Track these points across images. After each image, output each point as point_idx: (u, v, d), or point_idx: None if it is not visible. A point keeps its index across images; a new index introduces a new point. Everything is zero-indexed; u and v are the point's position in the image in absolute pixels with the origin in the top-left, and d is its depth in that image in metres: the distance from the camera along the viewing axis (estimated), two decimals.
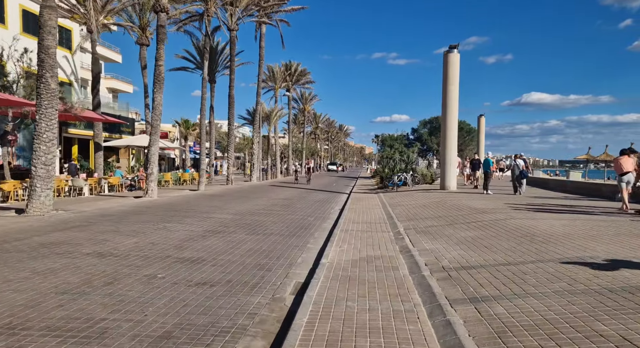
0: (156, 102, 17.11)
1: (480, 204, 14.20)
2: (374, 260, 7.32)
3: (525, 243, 7.57)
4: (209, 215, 12.93)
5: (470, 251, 7.39)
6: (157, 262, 6.92)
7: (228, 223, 11.50)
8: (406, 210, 14.17)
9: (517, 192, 18.92)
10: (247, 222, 11.86)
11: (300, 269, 6.96)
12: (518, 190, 19.10)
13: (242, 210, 14.53)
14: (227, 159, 29.91)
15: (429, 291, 5.42)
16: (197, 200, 18.07)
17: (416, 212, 13.60)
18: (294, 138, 67.53)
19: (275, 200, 18.84)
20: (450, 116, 21.39)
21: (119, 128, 31.03)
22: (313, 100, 65.16)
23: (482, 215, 11.56)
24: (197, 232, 9.82)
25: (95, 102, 22.23)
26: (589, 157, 35.22)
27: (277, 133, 47.65)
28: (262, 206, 16.29)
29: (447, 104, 21.35)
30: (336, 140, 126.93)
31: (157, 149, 17.53)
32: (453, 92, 21.35)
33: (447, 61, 21.32)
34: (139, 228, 10.00)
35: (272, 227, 11.18)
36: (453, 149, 21.54)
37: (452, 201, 15.56)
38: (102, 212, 12.97)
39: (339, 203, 18.64)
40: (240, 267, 6.87)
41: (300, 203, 18.08)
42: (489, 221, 10.38)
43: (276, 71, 45.90)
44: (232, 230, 10.35)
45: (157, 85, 17.11)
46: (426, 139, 60.90)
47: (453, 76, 21.33)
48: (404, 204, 16.25)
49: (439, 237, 8.93)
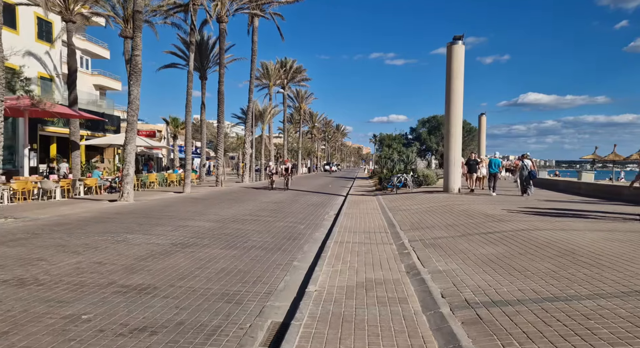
0: (132, 95, 15.47)
1: (492, 210, 12.64)
2: (374, 286, 5.75)
3: (568, 266, 5.99)
4: (184, 223, 11.33)
5: (498, 275, 5.81)
6: (92, 293, 5.32)
7: (204, 233, 9.89)
8: (409, 217, 12.60)
9: (525, 194, 18.04)
10: (227, 231, 10.26)
11: (281, 300, 5.38)
12: (527, 192, 18.14)
13: (224, 217, 12.93)
14: (217, 158, 28.29)
15: (454, 344, 3.84)
16: (178, 204, 16.45)
17: (421, 218, 12.02)
18: (290, 138, 65.94)
19: (264, 204, 17.24)
20: (455, 112, 19.83)
21: (103, 126, 29.38)
22: (309, 99, 63.57)
23: (499, 224, 9.99)
24: (162, 246, 8.21)
25: (72, 97, 20.59)
26: (595, 157, 33.78)
27: (272, 132, 46.02)
28: (249, 211, 14.69)
29: (451, 100, 19.79)
30: (333, 140, 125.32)
31: (133, 148, 15.90)
32: (458, 87, 19.79)
33: (451, 53, 19.77)
34: (92, 242, 8.37)
35: (255, 237, 9.59)
36: (457, 148, 19.97)
37: (460, 205, 14.00)
38: (60, 220, 11.33)
39: (334, 207, 17.06)
40: (201, 299, 5.28)
41: (292, 207, 16.49)
42: (510, 232, 8.81)
43: (270, 68, 44.25)
44: (206, 242, 8.75)
45: (134, 77, 15.47)
46: (425, 139, 59.28)
47: (457, 69, 19.78)
48: (405, 209, 14.68)
49: (453, 254, 7.35)
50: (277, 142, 72.17)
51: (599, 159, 34.04)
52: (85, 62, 40.82)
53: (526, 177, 18.56)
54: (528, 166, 18.98)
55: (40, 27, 27.84)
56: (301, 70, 51.65)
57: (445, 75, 20.32)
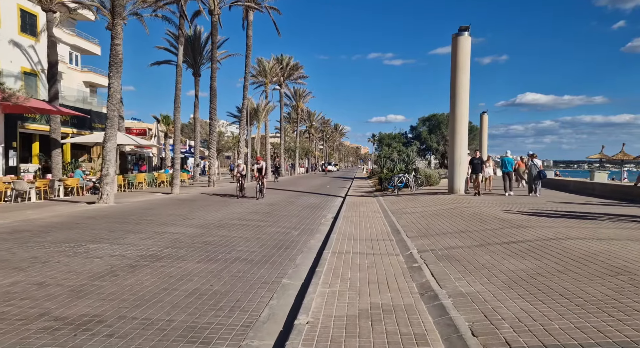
0: (112, 89, 14.19)
1: (507, 213, 11.41)
2: (382, 317, 4.51)
3: (630, 291, 4.75)
4: (163, 229, 10.07)
5: (540, 303, 4.57)
6: (8, 332, 4.06)
7: (183, 241, 8.64)
8: (415, 221, 11.36)
9: (531, 193, 17.60)
10: (209, 239, 9.00)
11: (262, 337, 4.15)
12: (536, 191, 17.54)
13: (210, 221, 11.67)
14: (209, 158, 27.01)
15: None
16: (162, 206, 15.18)
17: (428, 223, 10.79)
18: (287, 137, 64.67)
19: (257, 207, 15.99)
20: (460, 108, 18.60)
21: (90, 124, 28.07)
22: (307, 97, 62.26)
23: (520, 230, 8.76)
24: (127, 260, 6.96)
25: (52, 92, 19.29)
26: (602, 156, 32.59)
27: (268, 131, 44.71)
28: (239, 214, 13.44)
29: (457, 95, 18.57)
30: (331, 139, 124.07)
31: (113, 145, 14.60)
32: (463, 81, 18.57)
33: (456, 45, 18.54)
34: (43, 255, 7.09)
35: (241, 246, 8.34)
36: (463, 146, 18.75)
37: (470, 208, 12.77)
38: (19, 226, 10.04)
39: (332, 210, 15.82)
40: (157, 336, 4.03)
41: (286, 209, 15.24)
42: (536, 241, 7.58)
43: (267, 65, 42.95)
44: (182, 254, 7.49)
45: (114, 69, 14.19)
46: (425, 138, 57.96)
47: (463, 62, 18.56)
48: (410, 212, 13.45)
49: (475, 270, 6.12)
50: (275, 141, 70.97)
51: (607, 158, 32.88)
52: (74, 58, 39.48)
53: (535, 177, 17.95)
54: (538, 166, 18.18)
55: (23, 19, 26.49)
56: (298, 67, 50.37)
57: (450, 69, 19.11)
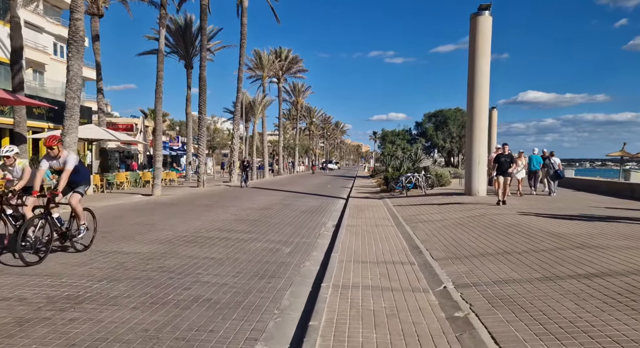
0: (72, 72, 11.93)
1: (552, 223, 9.10)
2: None
3: None
4: (113, 248, 7.81)
5: None
6: None
7: (130, 268, 6.37)
8: (437, 233, 9.08)
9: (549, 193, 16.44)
10: (168, 263, 6.73)
11: None
12: (552, 192, 16.37)
13: (181, 233, 9.40)
14: (198, 155, 24.74)
15: None
16: (132, 212, 12.91)
17: (455, 238, 8.50)
18: (287, 135, 62.40)
19: (245, 211, 13.72)
20: (479, 99, 16.31)
21: None
22: (306, 92, 59.90)
23: (589, 253, 6.46)
24: (27, 306, 4.68)
25: (16, 81, 17.00)
26: (624, 153, 30.30)
27: (265, 126, 42.40)
28: (221, 222, 11.17)
29: (476, 84, 16.28)
30: (332, 137, 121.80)
31: (74, 140, 12.33)
32: (483, 68, 16.28)
33: (475, 27, 16.24)
34: None
35: (208, 276, 6.08)
36: (482, 142, 16.47)
37: (501, 216, 10.47)
38: None
39: (333, 215, 13.58)
40: None
41: (280, 215, 12.97)
42: (633, 274, 5.28)
43: (264, 57, 40.61)
44: (116, 292, 5.21)
45: (73, 48, 11.93)
46: (431, 135, 55.35)
47: (483, 46, 16.26)
48: (426, 219, 11.17)
49: (563, 333, 3.82)
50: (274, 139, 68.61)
51: (630, 156, 30.59)
52: (59, 49, 37.16)
53: (552, 176, 16.24)
54: (555, 164, 16.23)
55: None
56: (297, 60, 47.98)
57: (467, 55, 16.81)
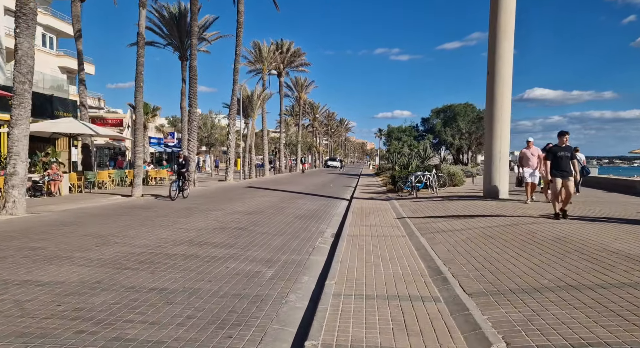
0: (21, 51, 10.01)
1: (618, 240, 7.07)
2: None
3: None
4: (26, 277, 5.89)
5: None
6: None
7: (25, 313, 4.44)
8: (461, 250, 7.10)
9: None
10: (91, 302, 4.81)
11: None
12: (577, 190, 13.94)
13: (139, 248, 7.48)
14: (189, 152, 22.82)
15: None
16: (95, 218, 10.99)
17: (488, 257, 6.51)
18: (289, 132, 60.47)
19: (231, 216, 11.80)
20: (501, 87, 14.28)
21: (51, 111, 23.95)
22: (309, 88, 57.78)
23: None
24: None
25: None
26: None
27: (265, 123, 40.44)
28: (196, 232, 9.24)
29: (497, 69, 14.25)
30: (336, 134, 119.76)
31: (24, 133, 10.41)
32: (506, 50, 14.24)
33: (497, 3, 14.18)
34: None
35: (141, 325, 4.14)
36: (504, 136, 14.47)
37: (541, 226, 8.44)
38: None
39: (332, 222, 11.65)
40: None
41: (271, 222, 11.03)
42: None
43: (263, 49, 38.60)
44: None
45: (22, 23, 9.97)
46: (439, 131, 53.02)
47: (506, 24, 14.23)
48: (443, 228, 9.19)
49: None
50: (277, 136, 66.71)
51: None
52: (48, 41, 35.36)
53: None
54: (581, 161, 14.58)
55: None
56: (300, 53, 45.95)
57: (488, 38, 14.79)
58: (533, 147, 12.81)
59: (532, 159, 12.57)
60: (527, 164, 12.64)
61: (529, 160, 12.62)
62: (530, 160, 12.59)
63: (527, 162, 12.67)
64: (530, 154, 12.64)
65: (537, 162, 12.30)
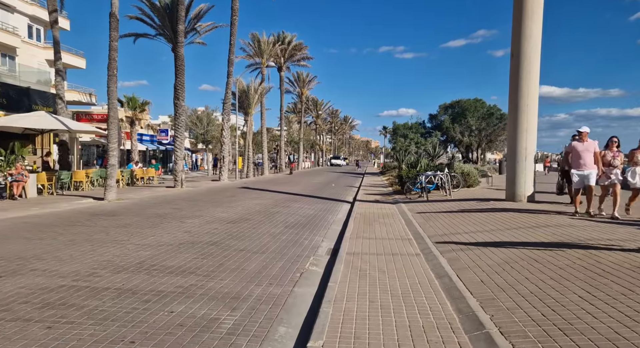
0: None
1: None
2: None
3: None
4: None
5: None
6: None
7: None
8: (502, 282, 5.11)
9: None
10: None
11: None
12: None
13: (61, 279, 5.56)
14: (175, 149, 20.90)
15: None
16: (32, 229, 9.07)
17: (543, 295, 4.53)
18: (290, 129, 58.53)
19: (209, 226, 9.85)
20: (528, 72, 12.28)
21: (29, 106, 22.09)
22: (312, 83, 55.69)
23: None
24: None
25: None
26: None
27: (264, 119, 38.47)
28: (153, 250, 7.30)
29: (523, 51, 12.25)
30: (340, 132, 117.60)
31: None
32: (534, 32, 12.23)
33: None
34: None
35: None
36: (531, 130, 12.48)
37: (607, 244, 6.43)
38: None
39: (331, 231, 9.73)
40: None
41: (254, 234, 9.08)
42: None
43: (263, 41, 36.61)
44: None
45: None
46: (447, 128, 50.69)
47: (533, 2, 12.19)
48: (468, 243, 7.20)
49: None
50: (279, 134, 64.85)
51: None
52: (35, 32, 33.51)
53: None
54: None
55: None
56: (301, 47, 43.90)
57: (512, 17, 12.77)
58: (588, 139, 9.28)
59: (585, 155, 9.18)
60: (576, 163, 9.31)
61: (580, 157, 9.23)
62: (582, 158, 9.21)
63: (576, 160, 9.31)
64: (584, 148, 9.20)
65: (595, 161, 9.11)
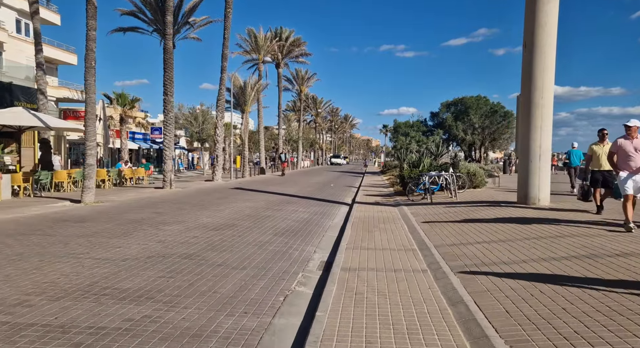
0: None
1: None
2: None
3: None
4: None
5: None
6: None
7: None
8: (533, 315, 4.02)
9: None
10: None
11: None
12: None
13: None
14: (163, 148, 19.81)
15: None
16: None
17: (589, 335, 3.41)
18: (289, 127, 57.46)
19: (189, 233, 8.76)
20: (542, 62, 11.17)
21: (10, 101, 21.01)
22: (311, 81, 54.55)
23: None
24: None
25: None
26: None
27: (262, 117, 37.37)
28: (112, 267, 6.22)
29: (537, 40, 11.14)
30: (340, 130, 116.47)
31: None
32: (550, 16, 11.11)
33: None
34: None
35: None
36: (546, 126, 11.37)
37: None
38: None
39: (325, 239, 8.65)
40: None
41: (239, 243, 7.99)
42: None
43: (259, 37, 35.49)
44: None
45: None
46: (450, 126, 49.41)
47: None
48: (481, 257, 6.13)
49: None
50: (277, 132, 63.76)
51: None
52: (24, 27, 32.40)
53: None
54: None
55: None
56: (300, 43, 42.75)
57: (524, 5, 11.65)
58: (638, 135, 7.45)
59: (635, 156, 7.38)
60: (624, 164, 7.47)
61: (630, 157, 7.40)
62: (632, 158, 7.38)
63: (624, 161, 7.48)
64: (634, 148, 7.38)
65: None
